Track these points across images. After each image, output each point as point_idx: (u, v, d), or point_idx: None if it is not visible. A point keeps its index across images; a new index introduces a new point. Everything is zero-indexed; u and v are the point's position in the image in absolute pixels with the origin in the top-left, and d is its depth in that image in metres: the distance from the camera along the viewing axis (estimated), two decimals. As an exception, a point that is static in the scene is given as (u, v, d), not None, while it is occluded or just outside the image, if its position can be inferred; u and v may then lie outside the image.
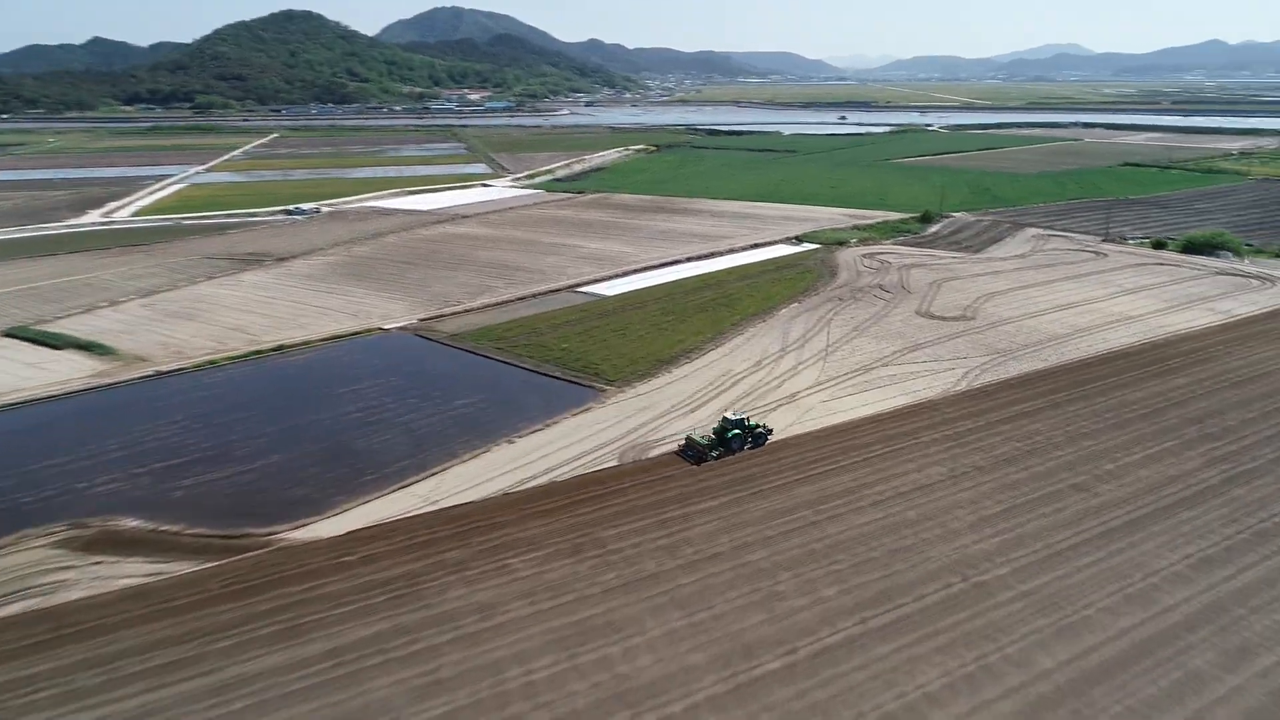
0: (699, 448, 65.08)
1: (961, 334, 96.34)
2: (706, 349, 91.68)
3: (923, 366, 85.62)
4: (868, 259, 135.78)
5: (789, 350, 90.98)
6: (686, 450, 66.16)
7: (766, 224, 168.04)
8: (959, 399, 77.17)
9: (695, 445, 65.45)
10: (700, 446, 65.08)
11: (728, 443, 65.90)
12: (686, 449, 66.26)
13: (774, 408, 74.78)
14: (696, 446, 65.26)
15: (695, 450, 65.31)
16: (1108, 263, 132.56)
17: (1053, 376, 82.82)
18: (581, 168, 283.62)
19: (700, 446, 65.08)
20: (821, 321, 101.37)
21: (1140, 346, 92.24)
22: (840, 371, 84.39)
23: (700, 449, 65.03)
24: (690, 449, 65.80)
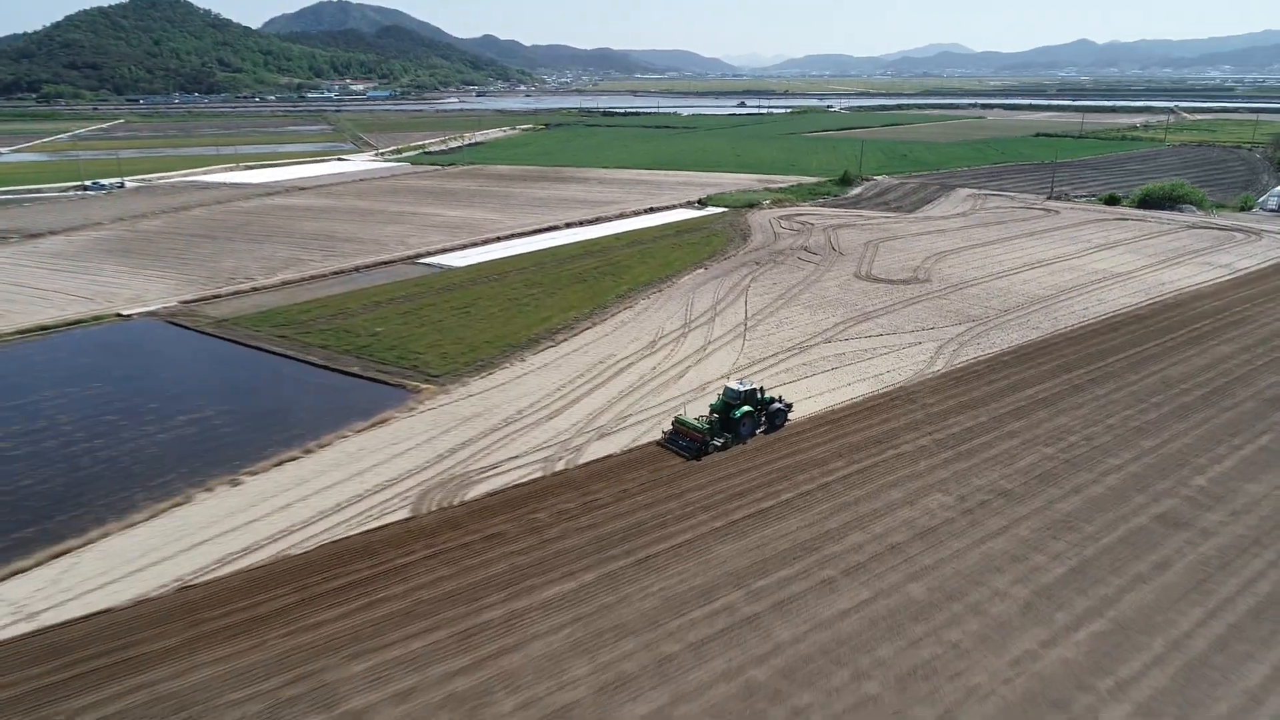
0: (695, 435, 44.27)
1: (919, 299, 72.95)
2: (581, 328, 65.46)
3: (879, 341, 61.47)
4: (785, 220, 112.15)
5: (694, 326, 65.63)
6: (675, 439, 45.12)
7: (663, 190, 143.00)
8: (941, 383, 53.15)
9: (688, 431, 44.62)
10: (696, 433, 44.30)
11: (735, 426, 45.29)
12: (675, 437, 45.27)
13: (674, 407, 49.18)
14: (690, 433, 44.49)
15: (690, 438, 44.43)
16: (1064, 219, 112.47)
17: (1055, 349, 59.89)
18: (459, 144, 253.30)
19: (696, 433, 44.30)
20: (736, 289, 76.51)
21: (1149, 307, 70.63)
22: (767, 351, 59.45)
23: (697, 436, 44.25)
24: (681, 438, 44.88)
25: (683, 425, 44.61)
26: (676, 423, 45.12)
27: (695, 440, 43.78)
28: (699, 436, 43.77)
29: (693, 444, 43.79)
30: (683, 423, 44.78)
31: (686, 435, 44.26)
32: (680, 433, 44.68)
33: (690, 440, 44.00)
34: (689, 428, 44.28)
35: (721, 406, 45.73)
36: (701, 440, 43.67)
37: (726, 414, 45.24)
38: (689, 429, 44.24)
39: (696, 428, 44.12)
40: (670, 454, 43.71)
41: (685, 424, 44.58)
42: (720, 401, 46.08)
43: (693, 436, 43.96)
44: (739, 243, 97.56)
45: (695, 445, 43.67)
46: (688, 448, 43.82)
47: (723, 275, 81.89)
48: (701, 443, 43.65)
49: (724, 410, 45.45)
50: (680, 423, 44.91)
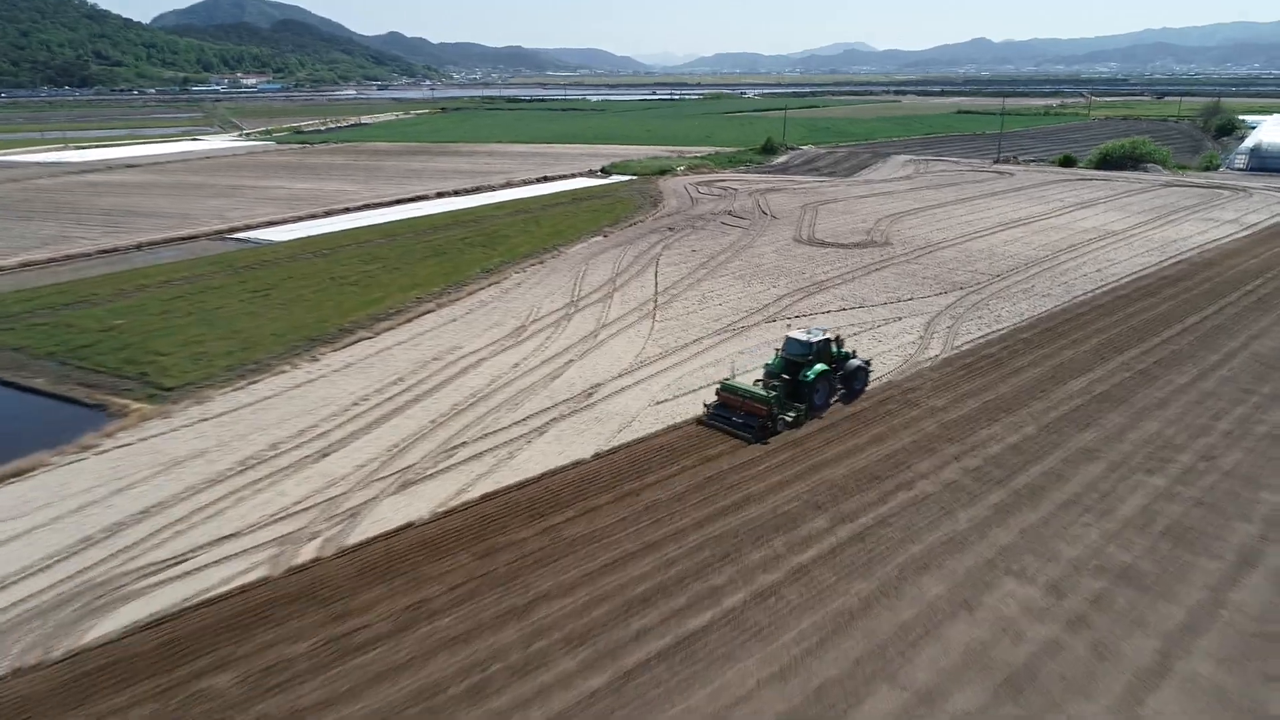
0: (757, 406, 30.73)
1: (883, 264, 55.45)
2: (420, 311, 45.58)
3: (844, 318, 43.46)
4: (704, 186, 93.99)
5: (584, 304, 46.51)
6: (724, 414, 31.39)
7: (563, 161, 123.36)
8: (948, 375, 35.28)
9: (746, 402, 31.03)
10: (759, 404, 30.77)
11: (804, 391, 31.90)
12: (722, 411, 31.55)
13: (541, 427, 30.13)
14: (750, 404, 30.94)
15: (748, 411, 30.83)
16: (1023, 180, 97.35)
17: (1086, 320, 42.90)
18: (340, 125, 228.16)
19: (759, 404, 30.77)
20: (644, 258, 57.75)
21: (1176, 266, 54.66)
22: (688, 335, 40.74)
23: (760, 409, 30.66)
24: (732, 411, 31.32)
25: (735, 393, 31.15)
26: (725, 391, 31.58)
27: (758, 413, 30.36)
28: (763, 409, 30.32)
29: (752, 420, 30.30)
30: (735, 390, 31.31)
31: (743, 408, 30.78)
32: (729, 404, 31.24)
33: (749, 414, 30.49)
34: (747, 396, 30.81)
35: (781, 367, 32.38)
36: (766, 413, 30.28)
37: (794, 376, 31.66)
38: (747, 398, 30.76)
39: (758, 397, 30.61)
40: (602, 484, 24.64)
41: (740, 391, 31.13)
42: (778, 360, 32.72)
43: (753, 409, 30.53)
44: (648, 209, 78.89)
45: (758, 421, 30.19)
46: (746, 425, 30.29)
47: (627, 243, 63.02)
48: (767, 416, 30.25)
49: (787, 371, 32.02)
50: (731, 390, 31.36)
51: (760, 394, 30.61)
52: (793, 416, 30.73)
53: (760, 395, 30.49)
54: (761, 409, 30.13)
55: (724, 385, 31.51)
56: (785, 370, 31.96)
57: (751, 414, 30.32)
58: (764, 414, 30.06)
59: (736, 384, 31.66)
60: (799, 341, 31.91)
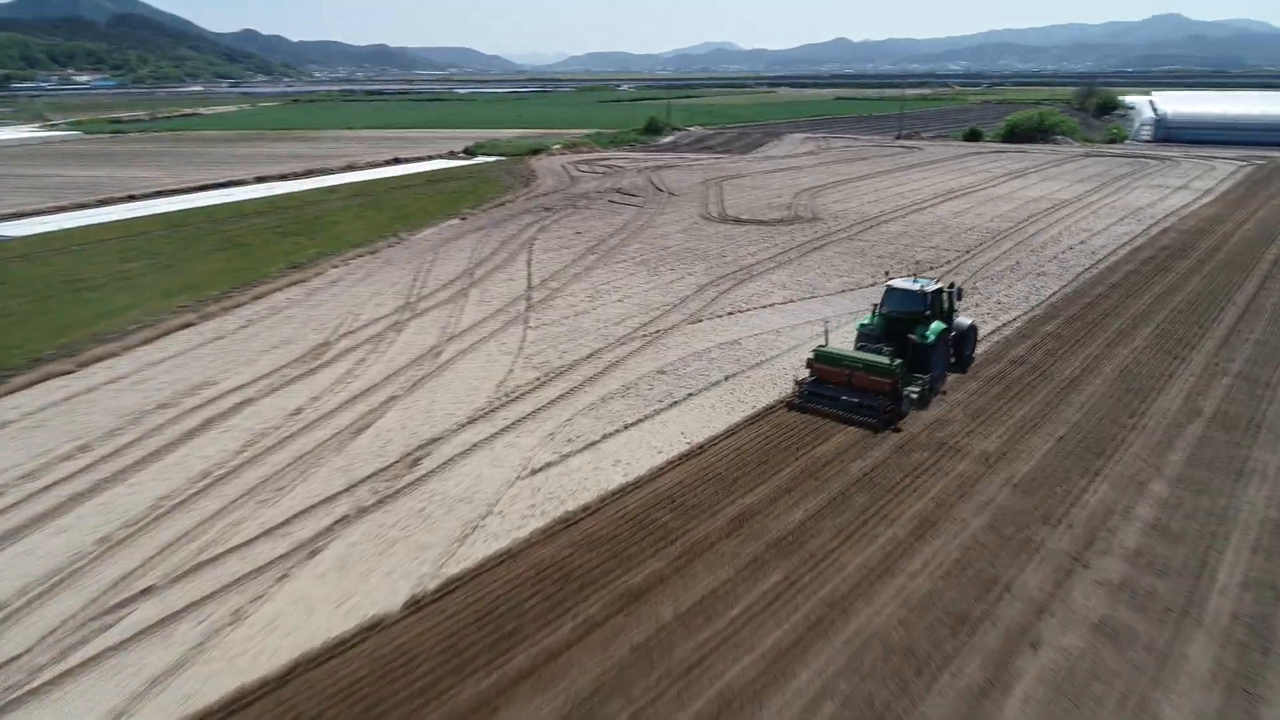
0: (879, 379, 21.34)
1: (820, 242, 43.39)
2: (175, 324, 30.33)
3: (794, 313, 30.97)
4: (584, 165, 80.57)
5: (424, 306, 32.34)
6: (826, 393, 22.12)
7: (421, 144, 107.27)
8: (987, 396, 23.17)
9: (864, 375, 21.62)
10: (882, 376, 21.32)
11: (925, 356, 22.73)
12: (822, 389, 22.26)
13: (312, 541, 16.06)
14: (870, 378, 21.49)
15: (868, 388, 21.47)
16: (935, 154, 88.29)
17: (1116, 305, 31.71)
18: (169, 116, 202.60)
19: (882, 376, 21.32)
20: (512, 243, 43.88)
21: (1170, 235, 44.88)
22: (578, 352, 27.16)
23: (884, 383, 21.28)
24: (841, 388, 21.93)
25: (840, 363, 22.44)
26: (822, 361, 22.84)
27: (878, 389, 21.55)
28: (886, 382, 21.53)
29: (869, 398, 21.57)
30: (838, 359, 22.61)
31: (855, 382, 21.98)
32: (830, 378, 22.52)
33: (868, 391, 21.69)
34: (859, 366, 22.05)
35: (882, 327, 24.10)
36: (891, 387, 21.50)
37: (902, 339, 23.19)
38: (861, 369, 21.96)
39: (878, 365, 21.77)
40: None
41: (848, 360, 22.46)
42: (876, 319, 24.52)
43: (871, 383, 21.73)
44: (519, 188, 64.85)
45: (884, 400, 21.40)
46: (865, 407, 21.52)
47: (491, 226, 48.91)
48: (893, 392, 21.51)
49: (890, 332, 23.74)
50: (831, 360, 22.68)
51: (881, 361, 21.78)
52: (917, 392, 22.22)
53: (881, 363, 21.72)
54: (884, 382, 21.49)
55: (820, 354, 22.98)
56: (887, 331, 23.74)
57: (866, 389, 21.65)
58: (888, 388, 21.41)
59: (840, 351, 23.06)
60: (908, 293, 24.09)
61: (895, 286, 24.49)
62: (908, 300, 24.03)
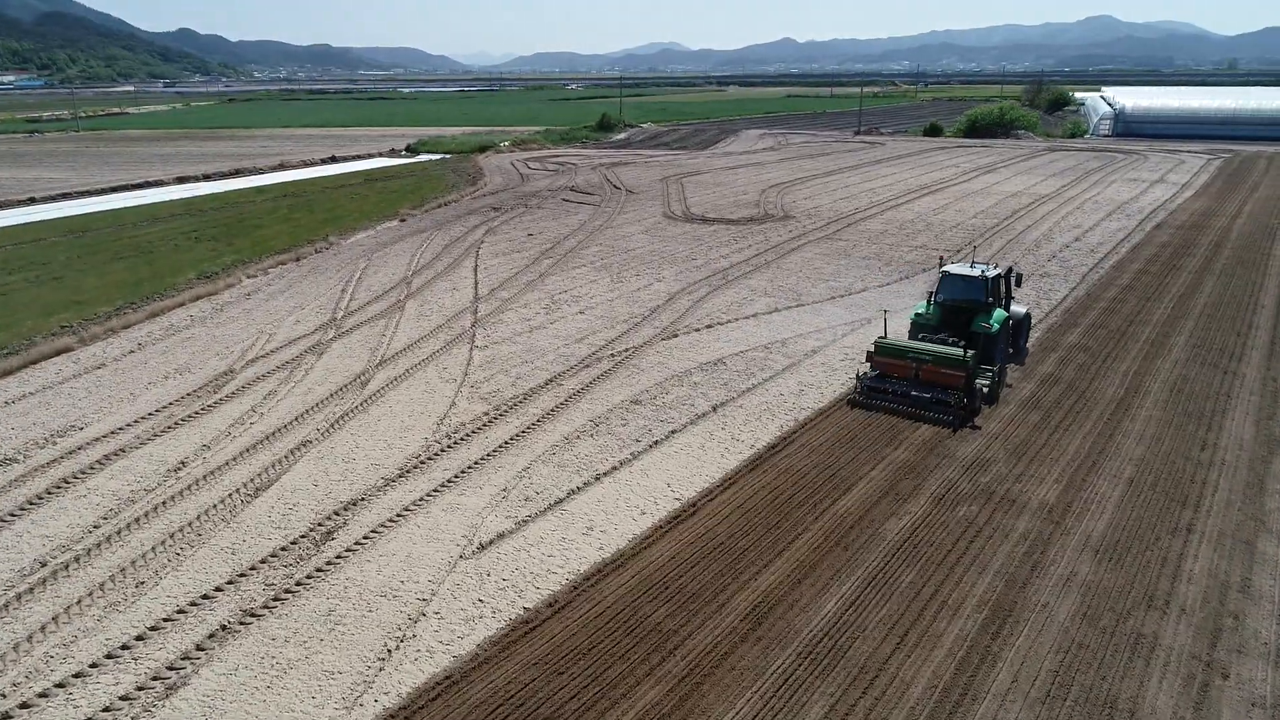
0: (951, 372, 19.26)
1: (797, 242, 39.61)
2: (49, 350, 25.28)
3: (786, 324, 27.10)
4: (534, 162, 76.05)
5: (351, 323, 27.73)
6: (888, 388, 20.05)
7: (360, 142, 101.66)
8: (1025, 425, 19.42)
9: (925, 365, 19.63)
10: (954, 369, 19.25)
11: (990, 345, 20.72)
12: (884, 385, 20.16)
13: (157, 687, 11.67)
14: (940, 371, 19.40)
15: (939, 381, 19.35)
16: (898, 149, 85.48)
17: (1138, 311, 28.39)
18: (93, 114, 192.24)
19: (954, 369, 19.25)
20: (456, 247, 39.31)
21: (1166, 233, 41.99)
22: (535, 377, 22.83)
23: (955, 376, 19.16)
24: (909, 383, 19.79)
25: (906, 356, 19.84)
26: (884, 355, 20.27)
27: (953, 382, 19.05)
28: (959, 375, 19.06)
29: (941, 393, 18.99)
30: (903, 351, 20.00)
31: (923, 375, 19.50)
32: (895, 372, 19.96)
33: (941, 388, 19.14)
34: (928, 359, 19.54)
35: (938, 316, 21.86)
36: (967, 379, 19.03)
37: (961, 329, 21.07)
38: (930, 361, 19.49)
39: (948, 357, 19.40)
40: None
41: (914, 352, 19.84)
42: (931, 308, 22.15)
43: (943, 376, 19.20)
44: (464, 187, 60.12)
45: (957, 396, 18.84)
46: (939, 403, 18.95)
47: (433, 229, 44.26)
48: (967, 386, 18.99)
49: (947, 322, 21.61)
50: (895, 353, 20.07)
51: (954, 353, 19.72)
52: (987, 385, 20.10)
53: (954, 355, 19.66)
54: (957, 376, 19.39)
55: (882, 346, 20.80)
56: (944, 320, 21.88)
57: (936, 384, 19.54)
58: (961, 382, 19.29)
59: (905, 342, 20.96)
60: (968, 279, 22.08)
61: (953, 273, 22.47)
62: (968, 287, 21.97)
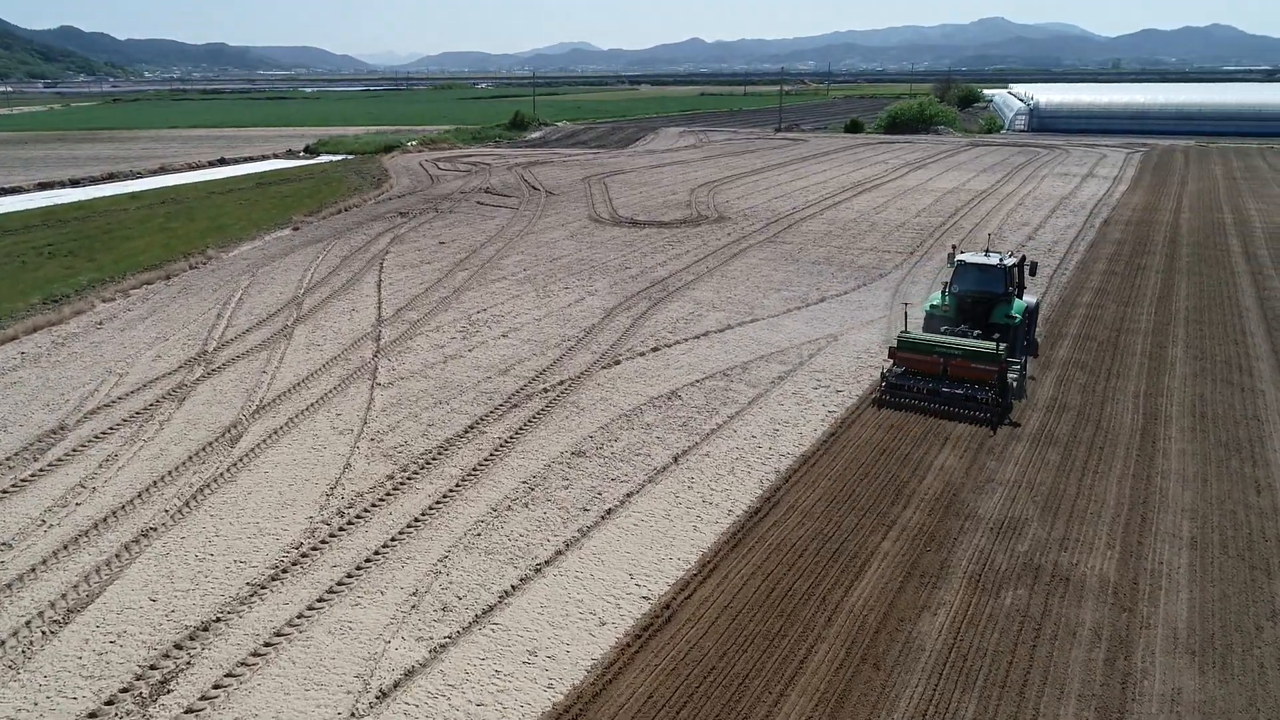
0: (982, 368, 18.01)
1: (739, 246, 36.17)
2: None
3: (741, 347, 23.55)
4: (445, 162, 71.09)
5: (225, 358, 22.88)
6: (913, 385, 18.69)
7: (255, 143, 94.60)
8: (1048, 469, 16.47)
9: (954, 361, 18.31)
10: (985, 365, 17.98)
11: (1015, 337, 19.85)
12: (909, 383, 18.74)
13: None
14: (962, 364, 18.20)
15: (959, 377, 18.25)
16: (822, 146, 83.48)
17: (1122, 321, 25.91)
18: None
19: (985, 365, 17.98)
20: (356, 260, 34.57)
21: (1121, 230, 40.20)
22: (455, 421, 18.60)
23: (987, 371, 17.97)
24: (937, 380, 18.48)
25: (933, 351, 18.63)
26: (907, 350, 19.00)
27: (985, 377, 18.05)
28: (992, 371, 18.03)
29: (974, 389, 18.06)
30: (929, 347, 18.77)
31: (952, 371, 18.34)
32: (921, 369, 18.77)
33: (973, 383, 18.13)
34: (959, 354, 18.33)
35: (955, 308, 20.67)
36: (1000, 374, 18.04)
37: (986, 319, 20.07)
38: (963, 357, 18.28)
39: (979, 351, 18.22)
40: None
41: (941, 347, 18.60)
42: (948, 299, 20.88)
43: (977, 373, 18.11)
44: (368, 190, 54.98)
45: (991, 392, 17.89)
46: (972, 400, 17.95)
47: (331, 237, 39.33)
48: (1000, 381, 18.06)
49: (964, 313, 20.47)
50: (921, 348, 18.87)
51: (985, 347, 18.40)
52: (1015, 379, 19.04)
53: (985, 349, 18.31)
54: (989, 371, 18.15)
55: (905, 341, 19.33)
56: (960, 313, 20.78)
57: (964, 379, 18.30)
58: (993, 378, 18.08)
59: (930, 337, 19.54)
60: (987, 268, 20.99)
61: (970, 262, 21.29)
62: (986, 277, 20.86)
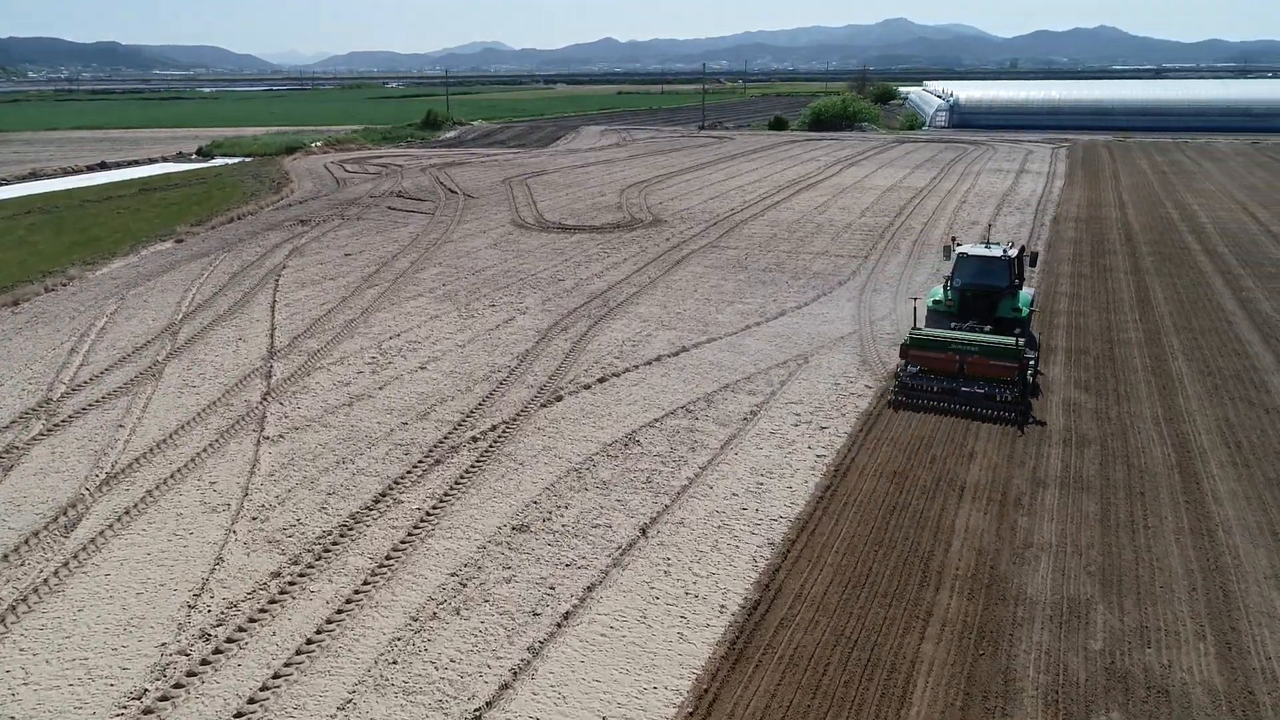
0: (1003, 364, 17.12)
1: (679, 253, 33.12)
2: None
3: (697, 376, 20.41)
4: (353, 164, 66.14)
5: (75, 407, 18.35)
6: (929, 385, 17.70)
7: (143, 145, 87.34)
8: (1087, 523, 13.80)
9: (972, 358, 17.37)
10: (1005, 361, 17.09)
11: (1023, 332, 19.00)
12: (924, 384, 17.73)
13: None
14: (980, 361, 17.29)
15: (976, 375, 17.38)
16: (750, 143, 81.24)
17: (1112, 331, 23.96)
18: None
19: (1005, 361, 17.09)
20: (247, 277, 30.15)
21: (1074, 228, 38.62)
22: (361, 488, 14.86)
23: (1007, 368, 17.09)
24: (955, 378, 17.54)
25: (948, 349, 17.70)
26: (920, 348, 17.97)
27: (1005, 374, 17.22)
28: (1013, 368, 17.14)
29: (994, 387, 17.32)
30: (944, 344, 17.84)
31: (974, 371, 17.42)
32: (939, 367, 17.76)
33: (994, 382, 17.32)
34: (976, 350, 17.50)
35: (958, 302, 19.94)
36: (1020, 370, 17.20)
37: (991, 313, 19.36)
38: (981, 353, 17.46)
39: (999, 348, 17.34)
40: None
41: (956, 344, 17.72)
42: (950, 294, 20.29)
43: (994, 370, 17.32)
44: (266, 195, 49.97)
45: (1014, 389, 17.21)
46: (993, 399, 17.20)
47: (220, 250, 34.68)
48: (1021, 378, 17.24)
49: (966, 308, 19.71)
50: (936, 345, 17.89)
51: (1004, 342, 17.26)
52: (1035, 366, 18.19)
53: (1004, 345, 17.17)
54: (1009, 367, 17.06)
55: (917, 339, 18.02)
56: (963, 307, 19.68)
57: (981, 377, 17.18)
58: (1014, 375, 17.01)
59: (944, 333, 18.14)
60: (990, 260, 19.89)
61: (971, 254, 20.37)
62: (990, 270, 19.95)
